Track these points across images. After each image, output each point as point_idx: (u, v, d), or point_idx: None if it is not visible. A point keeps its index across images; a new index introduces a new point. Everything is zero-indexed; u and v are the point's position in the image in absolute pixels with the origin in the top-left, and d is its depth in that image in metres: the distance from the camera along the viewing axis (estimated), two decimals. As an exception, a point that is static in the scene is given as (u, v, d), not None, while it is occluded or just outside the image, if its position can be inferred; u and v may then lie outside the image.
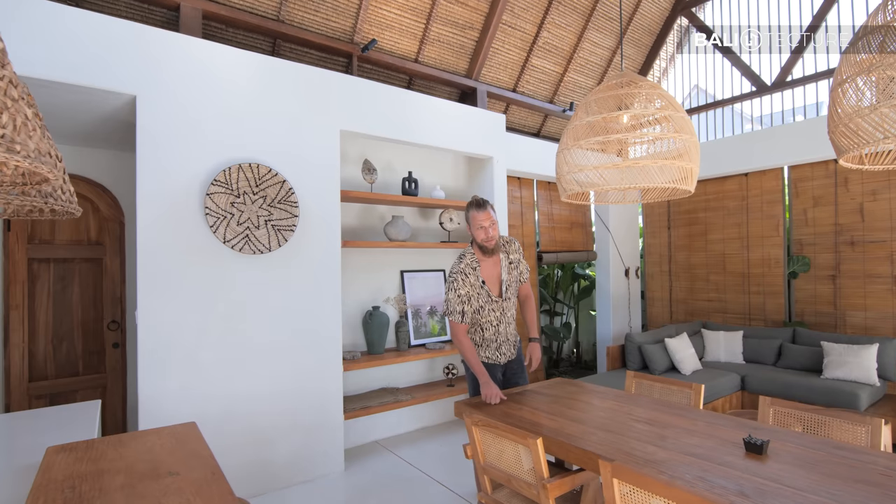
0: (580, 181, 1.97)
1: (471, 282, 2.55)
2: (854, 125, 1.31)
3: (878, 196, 4.47)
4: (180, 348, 2.73)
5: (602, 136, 1.78)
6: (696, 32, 5.93)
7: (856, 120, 1.31)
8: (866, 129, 1.29)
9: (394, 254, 4.13)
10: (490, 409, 2.32)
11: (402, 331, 3.91)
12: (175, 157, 2.74)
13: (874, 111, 1.26)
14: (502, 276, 2.64)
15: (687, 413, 2.19)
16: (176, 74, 2.76)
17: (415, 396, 3.84)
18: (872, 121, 1.27)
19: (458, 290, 2.53)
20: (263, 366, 3.03)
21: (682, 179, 1.75)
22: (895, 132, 1.24)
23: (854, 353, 3.97)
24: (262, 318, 3.02)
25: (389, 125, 3.66)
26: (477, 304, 2.57)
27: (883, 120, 1.25)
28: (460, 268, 2.56)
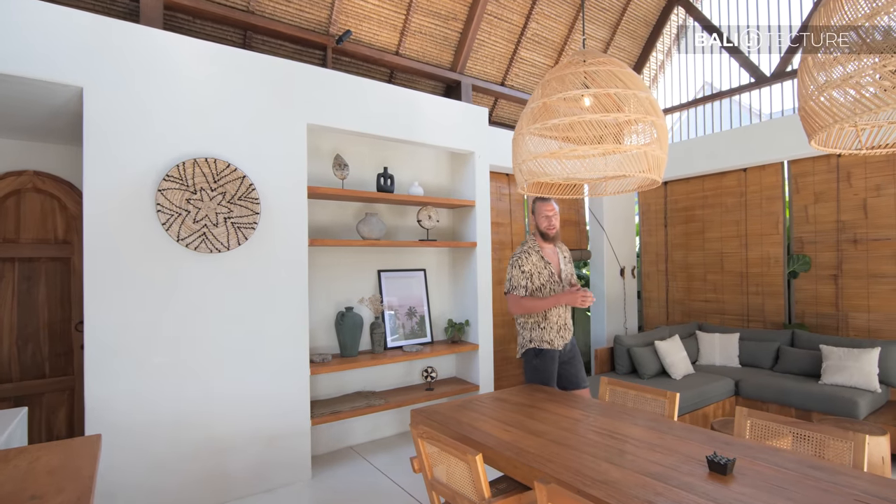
0: (533, 170, 1.81)
1: (533, 260, 2.81)
2: (825, 99, 1.14)
3: (883, 191, 4.24)
4: (130, 351, 2.61)
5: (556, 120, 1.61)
6: (694, 23, 5.72)
7: (827, 92, 1.14)
8: (838, 104, 1.12)
9: (371, 253, 3.99)
10: (445, 418, 2.17)
11: (377, 332, 3.77)
12: (125, 152, 2.62)
13: (845, 82, 1.09)
14: (560, 265, 2.93)
15: (657, 425, 2.01)
16: (128, 66, 2.64)
17: (389, 401, 3.70)
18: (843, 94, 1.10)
19: (522, 267, 2.81)
20: (223, 370, 2.90)
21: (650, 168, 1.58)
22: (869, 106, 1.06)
23: (854, 357, 3.75)
24: (221, 319, 2.90)
25: (363, 119, 3.52)
26: (539, 281, 2.81)
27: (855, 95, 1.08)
28: (524, 249, 2.86)
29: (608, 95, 1.54)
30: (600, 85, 1.55)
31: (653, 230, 6.07)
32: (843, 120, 1.13)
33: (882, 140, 1.36)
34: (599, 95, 1.57)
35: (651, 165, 1.57)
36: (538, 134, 1.75)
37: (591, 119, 1.54)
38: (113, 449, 2.54)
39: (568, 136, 1.68)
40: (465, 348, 4.11)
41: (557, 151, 1.67)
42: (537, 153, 1.76)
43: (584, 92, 1.56)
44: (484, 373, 4.19)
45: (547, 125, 1.67)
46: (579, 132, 1.63)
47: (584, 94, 1.58)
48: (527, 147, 1.81)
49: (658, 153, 1.71)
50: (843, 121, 1.13)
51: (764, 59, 5.10)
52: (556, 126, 1.67)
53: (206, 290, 2.85)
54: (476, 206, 4.14)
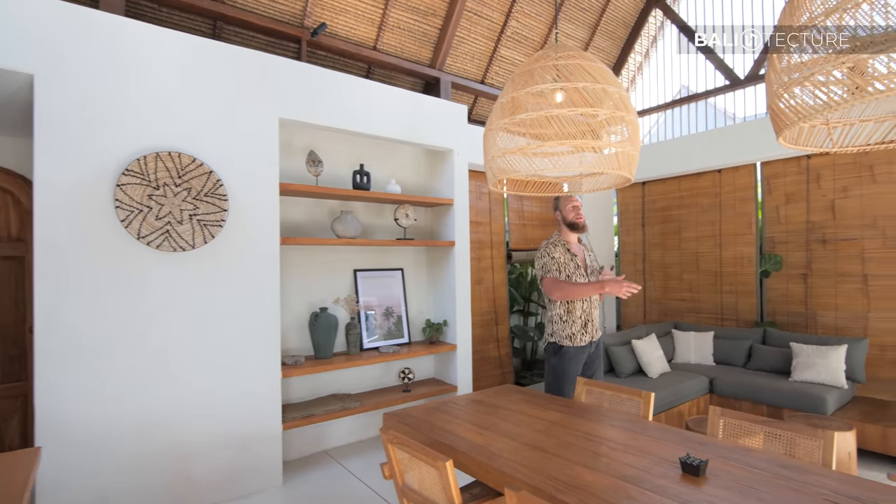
0: (502, 167, 1.77)
1: (560, 251, 2.87)
2: (788, 96, 1.12)
3: (850, 193, 4.34)
4: (88, 354, 2.48)
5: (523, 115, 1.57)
6: (672, 25, 5.78)
7: (790, 90, 1.12)
8: (802, 99, 1.10)
9: (346, 252, 3.90)
10: (417, 421, 2.11)
11: (352, 333, 3.69)
12: (81, 144, 2.49)
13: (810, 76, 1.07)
14: (587, 260, 2.98)
15: (632, 425, 2.00)
16: (84, 53, 2.51)
17: (365, 403, 3.62)
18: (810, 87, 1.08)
19: (552, 255, 2.85)
20: (188, 373, 2.79)
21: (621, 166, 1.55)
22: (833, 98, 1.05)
23: (823, 354, 3.83)
24: (186, 320, 2.78)
25: (338, 114, 3.44)
26: (566, 272, 2.84)
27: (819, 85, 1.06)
28: (550, 241, 2.92)
29: (577, 90, 1.50)
30: (570, 80, 1.52)
31: (631, 230, 6.11)
32: (805, 118, 1.11)
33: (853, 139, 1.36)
34: (568, 90, 1.53)
35: (622, 163, 1.53)
36: (507, 130, 1.71)
37: (559, 114, 1.51)
38: (70, 456, 2.42)
39: (536, 132, 1.64)
40: (443, 349, 4.07)
41: (525, 148, 1.63)
42: (506, 149, 1.72)
43: (550, 86, 1.52)
44: (462, 373, 4.15)
45: (515, 120, 1.63)
46: (547, 128, 1.59)
47: (549, 88, 1.54)
48: (496, 143, 1.77)
49: (629, 150, 1.67)
50: (806, 118, 1.11)
51: (738, 61, 5.18)
52: (525, 122, 1.62)
53: (169, 291, 2.73)
54: (454, 204, 4.10)
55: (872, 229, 4.20)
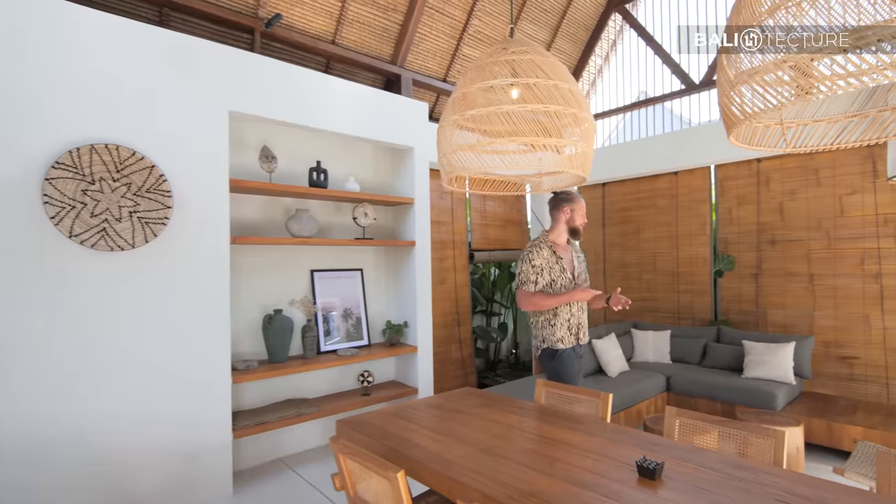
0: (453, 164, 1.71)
1: (545, 255, 2.72)
2: (735, 94, 1.11)
3: (797, 196, 4.52)
4: (13, 362, 2.27)
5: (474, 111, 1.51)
6: (630, 30, 5.89)
7: (736, 89, 1.10)
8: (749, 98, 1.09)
9: (303, 252, 3.76)
10: (372, 429, 2.03)
11: (308, 336, 3.55)
12: (4, 135, 2.27)
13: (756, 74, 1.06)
14: (574, 263, 2.86)
15: (589, 428, 1.97)
16: (10, 35, 2.29)
17: (322, 408, 3.50)
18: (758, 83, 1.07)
19: (532, 262, 2.70)
20: (129, 381, 2.60)
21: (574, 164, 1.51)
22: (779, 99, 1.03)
23: (773, 351, 3.97)
24: (127, 325, 2.59)
25: (294, 109, 3.30)
26: (549, 277, 2.72)
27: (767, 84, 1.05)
28: (535, 243, 2.77)
29: (528, 86, 1.46)
30: (521, 76, 1.47)
31: (591, 230, 6.19)
32: (751, 117, 1.11)
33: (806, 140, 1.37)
34: (519, 86, 1.49)
35: (576, 161, 1.50)
36: (459, 126, 1.65)
37: (509, 111, 1.46)
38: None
39: (486, 128, 1.59)
40: (403, 350, 3.98)
41: (476, 145, 1.58)
42: (457, 146, 1.66)
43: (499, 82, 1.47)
44: (423, 375, 4.07)
45: (465, 116, 1.57)
46: (497, 125, 1.54)
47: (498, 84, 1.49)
48: (448, 139, 1.71)
49: (583, 148, 1.64)
50: (752, 118, 1.11)
51: (693, 66, 5.33)
52: (476, 118, 1.57)
53: (107, 293, 2.54)
54: (415, 203, 4.02)
55: (817, 231, 4.39)
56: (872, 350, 4.06)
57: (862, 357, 4.10)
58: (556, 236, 2.81)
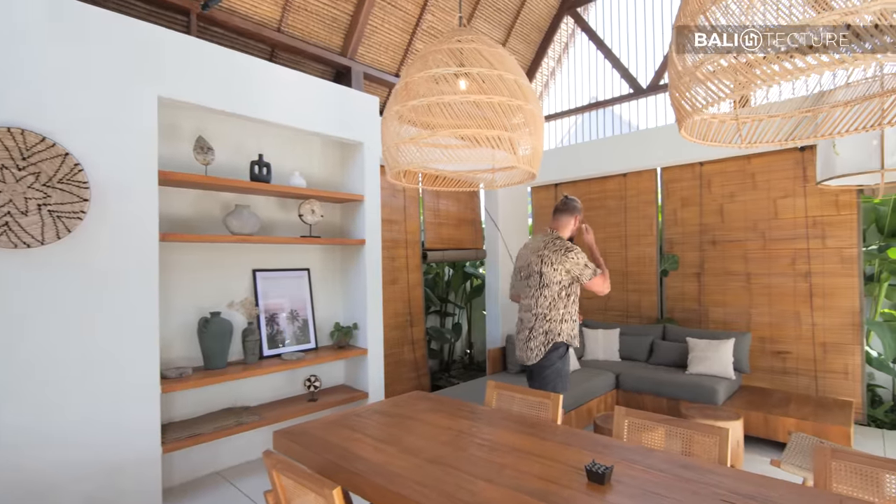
0: (396, 157, 1.61)
1: None
2: (683, 87, 1.08)
3: (736, 198, 4.72)
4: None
5: (415, 101, 1.42)
6: (582, 33, 5.99)
7: (684, 80, 1.07)
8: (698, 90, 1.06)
9: (244, 250, 3.53)
10: (312, 440, 1.89)
11: (250, 340, 3.34)
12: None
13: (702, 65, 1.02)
14: None
15: (540, 431, 1.92)
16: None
17: (264, 416, 3.29)
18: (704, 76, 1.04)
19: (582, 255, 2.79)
20: (40, 393, 2.32)
21: (519, 159, 1.45)
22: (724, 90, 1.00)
23: (714, 348, 4.11)
24: (35, 329, 2.31)
25: (233, 97, 3.09)
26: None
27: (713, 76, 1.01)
28: (569, 244, 2.80)
29: (471, 76, 1.38)
30: (464, 64, 1.39)
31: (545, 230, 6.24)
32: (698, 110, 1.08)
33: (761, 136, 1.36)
34: (463, 76, 1.41)
35: (523, 157, 1.43)
36: (401, 117, 1.55)
37: (450, 101, 1.37)
38: None
39: (427, 120, 1.50)
40: (353, 353, 3.83)
41: (417, 137, 1.49)
42: (399, 139, 1.56)
43: (440, 71, 1.39)
44: (373, 379, 3.94)
45: (407, 107, 1.48)
46: (438, 117, 1.45)
47: (439, 72, 1.40)
48: (390, 131, 1.61)
49: (531, 143, 1.57)
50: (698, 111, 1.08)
51: (641, 71, 5.47)
52: (418, 110, 1.48)
53: (12, 295, 2.25)
54: (365, 200, 3.88)
55: (754, 232, 4.60)
56: (803, 345, 4.29)
57: (794, 352, 4.32)
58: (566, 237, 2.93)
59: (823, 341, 4.19)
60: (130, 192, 2.62)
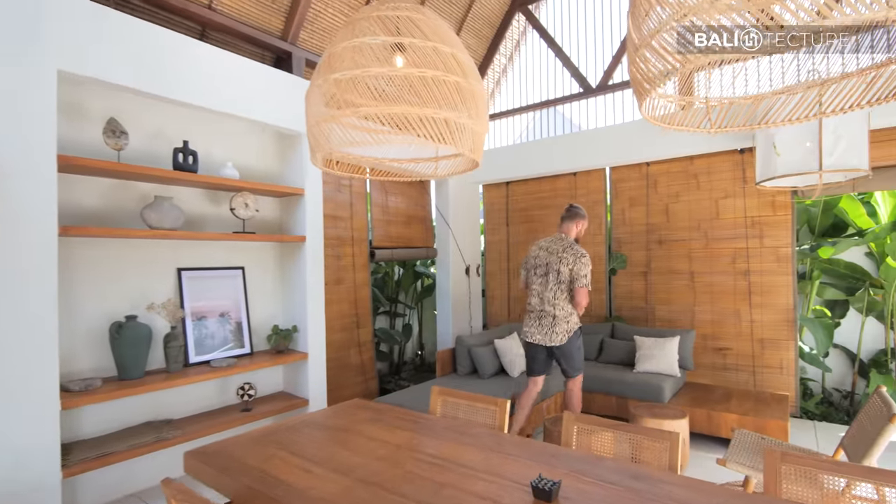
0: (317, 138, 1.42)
1: None
2: (640, 60, 0.96)
3: (680, 198, 4.81)
4: None
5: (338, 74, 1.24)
6: (533, 31, 5.96)
7: (640, 53, 0.95)
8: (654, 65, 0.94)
9: (168, 247, 3.20)
10: (228, 461, 1.66)
11: (173, 346, 3.02)
12: None
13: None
14: None
15: (485, 442, 1.78)
16: None
17: (189, 430, 2.99)
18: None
19: (589, 265, 3.23)
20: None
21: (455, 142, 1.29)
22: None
23: (660, 346, 4.15)
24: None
25: (155, 76, 2.77)
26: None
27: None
28: (582, 250, 3.25)
29: (401, 48, 1.22)
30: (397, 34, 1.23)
31: (496, 229, 6.18)
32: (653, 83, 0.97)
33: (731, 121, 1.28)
34: (394, 48, 1.24)
35: (459, 140, 1.27)
36: (323, 93, 1.36)
37: (377, 75, 1.21)
38: None
39: (352, 98, 1.32)
40: (292, 358, 3.57)
41: (338, 114, 1.31)
42: (320, 117, 1.38)
43: (366, 40, 1.22)
44: (315, 385, 3.69)
45: (329, 80, 1.29)
46: (366, 95, 1.28)
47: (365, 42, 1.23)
48: (311, 109, 1.42)
49: (472, 125, 1.39)
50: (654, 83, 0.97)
51: (591, 71, 5.49)
52: (342, 86, 1.30)
53: None
54: (305, 195, 3.62)
55: (697, 231, 4.70)
56: (742, 341, 4.42)
57: (734, 348, 4.45)
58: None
59: (761, 337, 4.33)
60: (21, 179, 2.27)
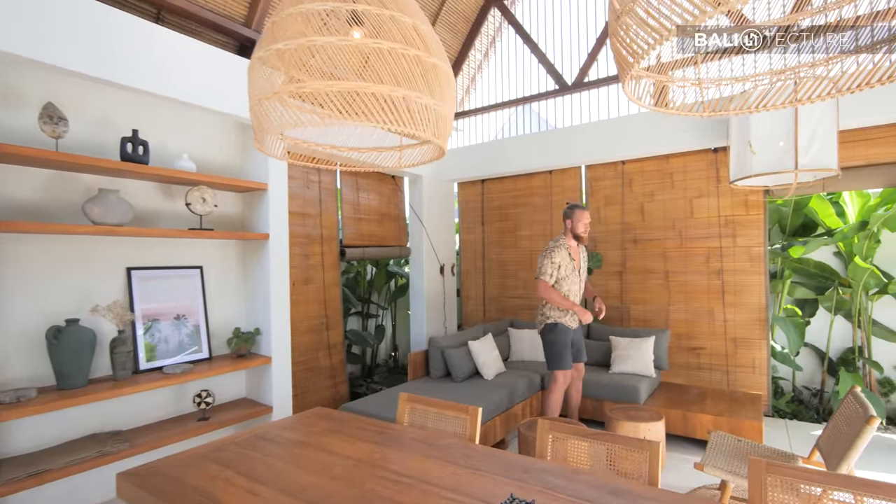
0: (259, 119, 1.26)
1: (562, 255, 3.49)
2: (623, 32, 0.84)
3: (655, 197, 4.78)
4: None
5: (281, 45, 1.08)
6: (509, 27, 5.86)
7: (623, 20, 0.84)
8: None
9: (116, 244, 2.96)
10: (166, 482, 1.48)
11: (120, 351, 2.79)
12: None
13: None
14: (581, 263, 3.63)
15: (453, 455, 1.65)
16: None
17: (138, 442, 2.77)
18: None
19: (553, 259, 3.46)
20: None
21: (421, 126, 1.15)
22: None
23: (636, 346, 4.10)
24: None
25: (101, 59, 2.55)
26: (564, 272, 3.50)
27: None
28: (558, 244, 3.51)
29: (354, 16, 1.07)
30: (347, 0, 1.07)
31: (471, 227, 6.06)
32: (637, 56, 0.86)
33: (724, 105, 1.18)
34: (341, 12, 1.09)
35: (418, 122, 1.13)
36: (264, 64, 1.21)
37: (325, 43, 1.06)
38: None
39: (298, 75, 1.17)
40: (255, 362, 3.37)
41: (281, 91, 1.16)
42: (261, 93, 1.22)
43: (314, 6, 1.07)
44: (279, 391, 3.50)
45: (271, 52, 1.14)
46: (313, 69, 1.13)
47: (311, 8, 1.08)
48: (252, 84, 1.26)
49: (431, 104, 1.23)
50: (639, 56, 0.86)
51: (567, 68, 5.42)
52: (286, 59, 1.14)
53: None
54: (269, 189, 3.43)
55: (672, 231, 4.68)
56: (715, 340, 4.41)
57: (707, 347, 4.43)
58: (568, 240, 3.56)
59: (734, 336, 4.32)
60: (-62, 167, 2.03)
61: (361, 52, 1.08)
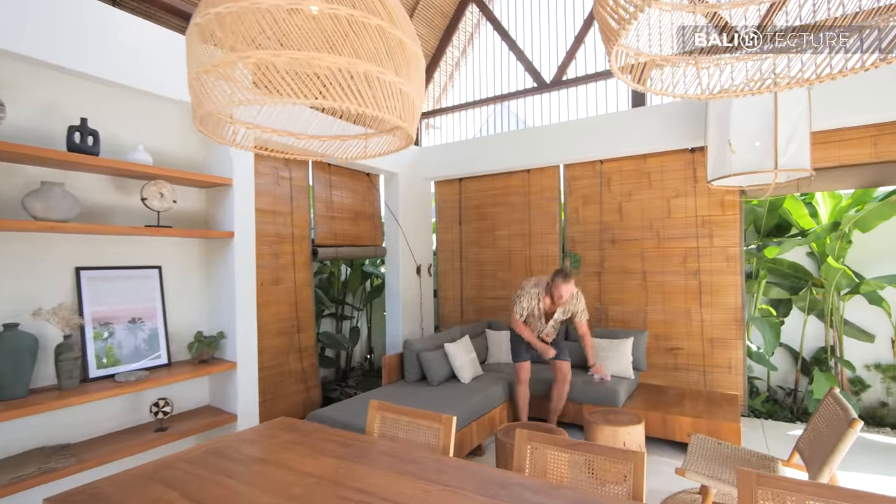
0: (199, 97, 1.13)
1: (531, 303, 3.72)
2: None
3: (633, 197, 4.75)
4: None
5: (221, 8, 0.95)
6: (487, 24, 5.77)
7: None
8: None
9: (63, 242, 2.74)
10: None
11: (66, 358, 2.57)
12: None
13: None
14: (556, 315, 3.75)
15: (424, 470, 1.52)
16: None
17: (87, 457, 2.55)
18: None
19: (521, 302, 3.74)
20: None
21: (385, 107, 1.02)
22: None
23: (615, 347, 4.04)
24: None
25: (42, 40, 2.34)
26: (529, 312, 3.74)
27: None
28: (528, 292, 3.75)
29: None
30: None
31: (449, 227, 5.95)
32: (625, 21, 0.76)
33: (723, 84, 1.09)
34: None
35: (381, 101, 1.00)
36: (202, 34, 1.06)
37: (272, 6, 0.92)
38: None
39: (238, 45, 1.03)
40: (218, 368, 3.17)
41: (219, 63, 1.02)
42: (199, 67, 1.08)
43: None
44: (245, 397, 3.31)
45: (210, 15, 1.00)
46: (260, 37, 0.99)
47: None
48: (190, 55, 1.12)
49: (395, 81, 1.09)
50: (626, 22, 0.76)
51: (545, 66, 5.36)
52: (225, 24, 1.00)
53: None
54: (234, 185, 3.24)
55: (649, 231, 4.65)
56: (693, 341, 4.39)
57: (685, 347, 4.42)
58: (545, 292, 3.70)
59: (711, 337, 4.32)
60: None
61: (317, 22, 0.95)
